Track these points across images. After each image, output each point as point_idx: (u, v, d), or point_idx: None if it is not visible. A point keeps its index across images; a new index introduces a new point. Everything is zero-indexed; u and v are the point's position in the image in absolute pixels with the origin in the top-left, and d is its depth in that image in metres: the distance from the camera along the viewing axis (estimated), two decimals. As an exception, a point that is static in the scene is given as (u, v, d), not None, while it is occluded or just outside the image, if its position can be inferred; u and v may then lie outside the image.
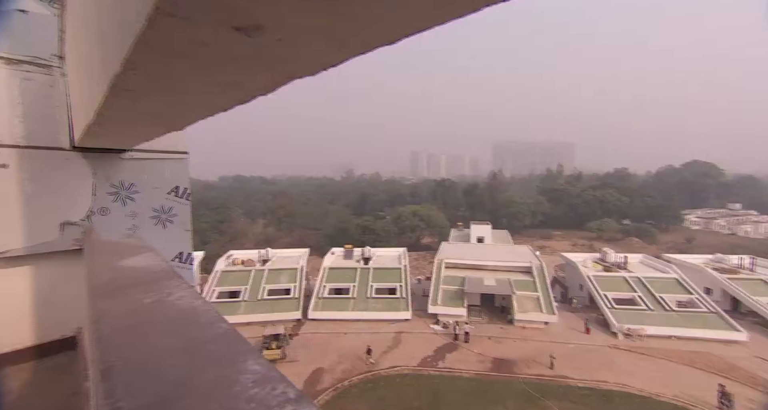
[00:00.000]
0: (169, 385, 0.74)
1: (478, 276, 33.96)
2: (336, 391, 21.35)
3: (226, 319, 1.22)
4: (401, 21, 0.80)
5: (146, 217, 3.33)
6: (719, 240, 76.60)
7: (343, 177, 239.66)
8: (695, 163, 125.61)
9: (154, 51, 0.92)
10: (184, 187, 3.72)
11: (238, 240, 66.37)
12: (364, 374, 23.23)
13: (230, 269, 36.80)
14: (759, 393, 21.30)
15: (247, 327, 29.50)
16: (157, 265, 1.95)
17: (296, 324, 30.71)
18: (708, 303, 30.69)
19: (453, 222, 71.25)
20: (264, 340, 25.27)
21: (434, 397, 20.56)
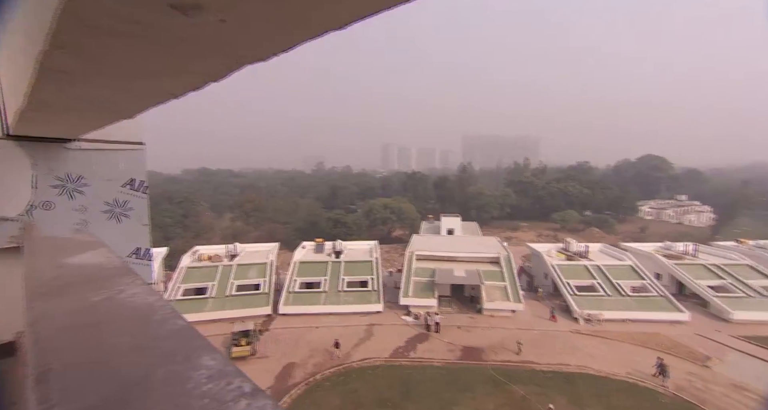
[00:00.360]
0: (116, 386, 0.71)
1: (448, 268, 34.67)
2: (308, 385, 21.25)
3: (182, 316, 1.17)
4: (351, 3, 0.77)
5: (98, 211, 3.12)
6: (668, 229, 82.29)
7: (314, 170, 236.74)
8: (648, 157, 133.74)
9: (81, 27, 0.83)
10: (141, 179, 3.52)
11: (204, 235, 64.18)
12: (336, 367, 23.26)
13: (196, 265, 35.55)
14: (696, 366, 23.35)
15: (215, 324, 28.78)
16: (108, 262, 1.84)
17: (266, 320, 30.21)
18: (658, 287, 32.96)
19: (424, 214, 72.31)
20: (233, 337, 24.72)
21: (406, 387, 20.93)
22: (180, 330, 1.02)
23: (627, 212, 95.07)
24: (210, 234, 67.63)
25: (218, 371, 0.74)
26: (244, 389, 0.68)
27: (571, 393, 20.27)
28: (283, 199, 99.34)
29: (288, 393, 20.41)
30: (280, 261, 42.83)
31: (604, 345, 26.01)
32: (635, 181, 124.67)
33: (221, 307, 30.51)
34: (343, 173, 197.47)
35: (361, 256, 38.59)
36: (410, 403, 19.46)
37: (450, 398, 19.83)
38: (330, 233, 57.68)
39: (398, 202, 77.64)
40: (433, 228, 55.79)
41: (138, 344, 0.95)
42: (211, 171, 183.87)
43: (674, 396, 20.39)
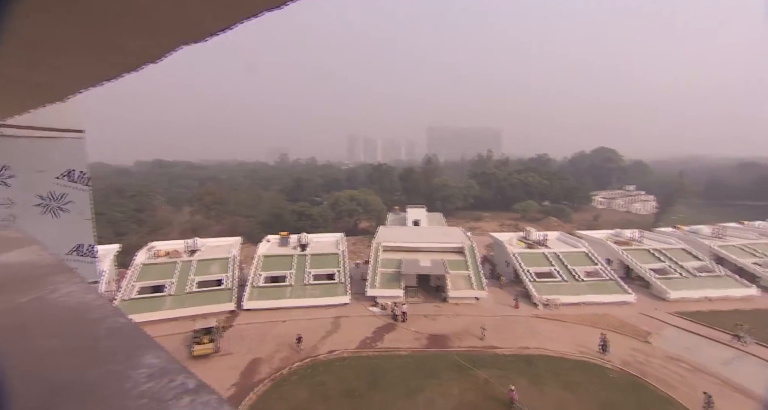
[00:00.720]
0: (41, 392, 0.67)
1: (414, 258, 35.21)
2: (274, 380, 20.97)
3: (124, 313, 1.09)
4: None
5: (29, 205, 2.82)
6: (618, 217, 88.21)
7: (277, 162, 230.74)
8: (601, 150, 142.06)
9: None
10: (81, 170, 3.24)
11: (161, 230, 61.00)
12: (303, 361, 23.09)
13: (153, 262, 33.78)
14: (639, 342, 25.42)
15: (175, 322, 27.67)
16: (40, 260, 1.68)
17: (230, 316, 29.38)
18: (608, 271, 35.33)
19: (390, 206, 72.84)
20: (194, 335, 23.84)
21: (373, 376, 21.18)
22: (121, 329, 0.97)
23: (582, 202, 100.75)
24: (168, 230, 64.39)
25: (160, 369, 0.72)
26: (187, 385, 0.67)
27: (530, 374, 21.39)
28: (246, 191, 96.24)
29: (253, 389, 20.05)
30: (244, 255, 41.62)
31: (560, 327, 27.60)
32: (589, 172, 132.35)
33: (181, 305, 29.28)
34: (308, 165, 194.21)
35: (328, 249, 38.30)
36: (377, 392, 19.73)
37: (416, 385, 20.32)
38: (295, 226, 56.75)
39: (364, 194, 77.54)
40: (400, 220, 56.33)
41: (70, 345, 0.88)
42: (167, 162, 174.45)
43: (620, 370, 22.08)
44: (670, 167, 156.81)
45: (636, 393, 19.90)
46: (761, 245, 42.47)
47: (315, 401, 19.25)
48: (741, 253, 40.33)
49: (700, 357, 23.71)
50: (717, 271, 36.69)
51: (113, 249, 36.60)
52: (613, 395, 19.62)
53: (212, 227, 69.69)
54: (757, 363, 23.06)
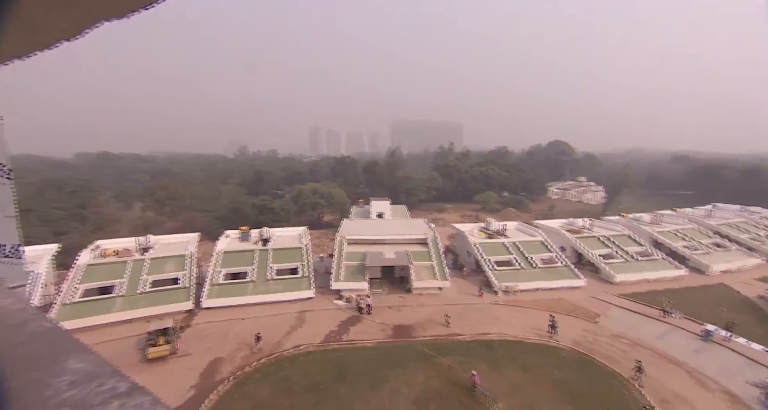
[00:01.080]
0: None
1: (378, 251, 35.37)
2: (237, 379, 20.37)
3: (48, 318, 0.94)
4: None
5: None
6: (571, 207, 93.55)
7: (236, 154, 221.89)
8: (556, 143, 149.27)
9: None
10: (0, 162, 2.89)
11: (107, 227, 56.90)
12: (266, 357, 22.61)
13: (99, 262, 31.47)
14: (589, 323, 27.21)
15: (127, 325, 26.09)
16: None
17: (188, 316, 28.11)
18: (562, 258, 37.42)
19: (354, 198, 72.46)
20: (148, 337, 22.58)
21: (339, 369, 21.16)
22: (45, 334, 0.87)
23: (538, 193, 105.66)
24: (116, 227, 60.18)
25: (87, 374, 0.70)
26: (118, 389, 0.64)
27: (491, 359, 22.30)
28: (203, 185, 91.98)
29: (215, 389, 19.37)
30: (201, 252, 39.89)
31: (519, 313, 28.93)
32: (545, 164, 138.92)
33: (133, 306, 27.57)
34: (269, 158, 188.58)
35: (290, 243, 37.54)
36: (343, 385, 19.74)
37: (382, 375, 20.55)
38: (256, 220, 55.18)
39: (328, 187, 76.64)
40: (364, 213, 56.25)
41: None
42: (113, 155, 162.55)
43: (572, 350, 23.58)
44: (616, 159, 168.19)
45: (585, 370, 21.35)
46: (690, 230, 46.85)
47: (279, 397, 18.93)
48: (674, 238, 44.25)
49: (639, 333, 25.89)
50: (655, 255, 40.03)
51: (51, 250, 33.67)
52: (565, 373, 20.92)
53: (166, 223, 65.99)
54: (685, 335, 25.69)
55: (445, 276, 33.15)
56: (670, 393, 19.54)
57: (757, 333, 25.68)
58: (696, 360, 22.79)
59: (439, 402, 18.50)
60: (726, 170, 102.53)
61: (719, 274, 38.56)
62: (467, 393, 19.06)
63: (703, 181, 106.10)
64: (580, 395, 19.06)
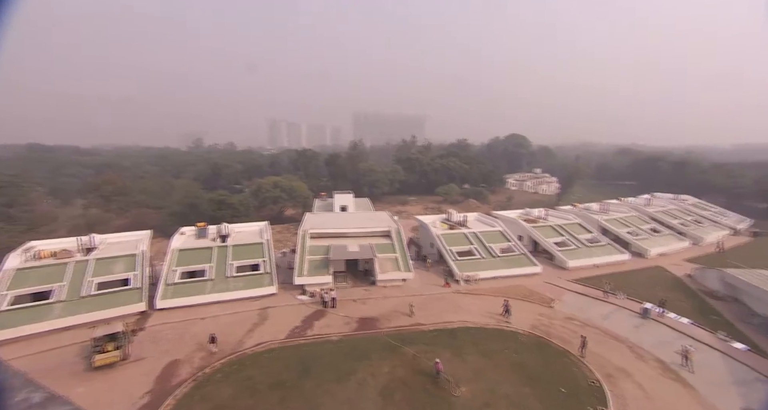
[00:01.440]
0: None
1: (342, 244, 35.11)
2: (196, 381, 19.51)
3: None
4: None
5: None
6: (528, 198, 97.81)
7: (191, 147, 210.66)
8: (513, 136, 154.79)
9: None
10: None
11: (42, 227, 52.03)
12: (227, 357, 21.86)
13: (32, 265, 28.73)
14: (544, 308, 28.76)
15: (69, 332, 24.21)
16: None
17: (141, 318, 26.52)
18: (519, 247, 39.08)
19: (316, 192, 71.35)
20: (95, 343, 20.99)
21: (304, 365, 20.88)
22: None
23: (497, 184, 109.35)
24: (53, 226, 55.24)
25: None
26: (32, 400, 0.61)
27: (453, 346, 22.94)
28: (155, 180, 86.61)
29: (171, 393, 18.43)
30: (155, 250, 37.70)
31: (479, 300, 29.93)
32: (504, 156, 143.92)
33: (75, 311, 25.49)
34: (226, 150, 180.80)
35: (251, 238, 36.36)
36: (308, 380, 19.51)
37: (348, 368, 20.53)
38: (214, 216, 52.86)
39: (289, 181, 74.89)
40: (326, 206, 55.57)
41: None
42: (45, 147, 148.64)
43: (529, 333, 24.80)
44: (568, 152, 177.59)
45: (541, 352, 22.55)
46: (632, 217, 50.72)
47: (241, 397, 18.38)
48: (619, 225, 47.64)
49: (588, 314, 27.75)
50: (602, 241, 42.90)
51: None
52: (523, 356, 21.98)
53: (113, 221, 61.54)
54: (627, 314, 28.00)
55: (408, 268, 33.57)
56: (614, 367, 21.16)
57: (685, 308, 28.72)
58: (636, 335, 24.83)
59: (404, 391, 18.79)
60: (661, 162, 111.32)
61: (656, 257, 42.15)
62: (431, 380, 19.51)
63: (643, 172, 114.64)
64: (536, 376, 20.11)
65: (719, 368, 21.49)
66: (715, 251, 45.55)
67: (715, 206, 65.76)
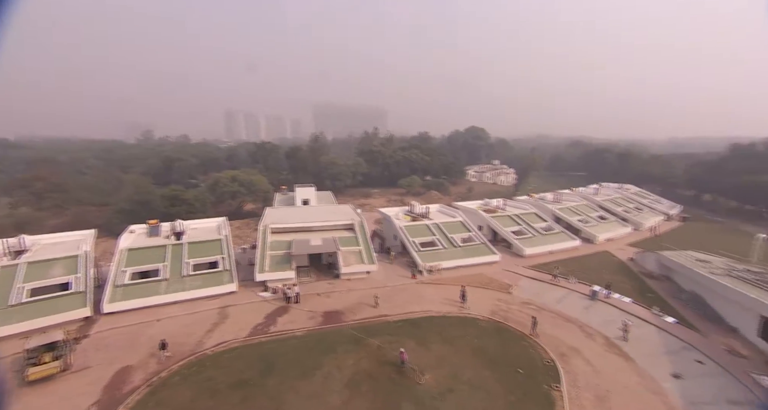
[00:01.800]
0: None
1: (304, 238, 34.53)
2: (151, 386, 18.51)
3: None
4: None
5: None
6: (487, 189, 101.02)
7: (139, 139, 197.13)
8: (473, 128, 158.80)
9: None
10: None
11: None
12: (186, 358, 20.91)
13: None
14: (503, 294, 30.01)
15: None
16: None
17: (85, 324, 24.65)
18: (479, 237, 40.36)
19: (277, 186, 69.52)
20: (28, 355, 19.07)
21: (267, 362, 20.44)
22: None
23: (458, 176, 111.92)
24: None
25: None
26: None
27: (417, 335, 23.39)
28: (98, 175, 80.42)
29: (123, 402, 17.35)
30: (100, 251, 35.22)
31: (441, 290, 30.64)
32: (464, 148, 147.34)
33: (5, 321, 23.11)
34: (179, 143, 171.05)
35: (208, 235, 34.82)
36: (272, 377, 19.14)
37: (313, 363, 20.35)
38: (167, 213, 50.09)
39: (248, 174, 72.33)
40: (288, 200, 54.32)
41: None
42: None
43: (489, 319, 25.81)
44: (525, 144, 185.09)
45: (500, 336, 23.57)
46: (582, 206, 54.02)
47: (201, 399, 17.70)
48: (571, 213, 50.55)
49: (543, 299, 29.31)
50: (556, 229, 45.32)
51: None
52: (483, 341, 22.86)
53: (48, 221, 56.43)
54: (578, 297, 29.89)
55: (372, 260, 33.66)
56: (566, 346, 22.57)
57: (627, 289, 31.28)
58: (585, 316, 26.61)
59: (370, 382, 18.94)
60: (608, 153, 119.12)
61: (603, 242, 45.24)
62: (397, 370, 19.80)
63: (592, 163, 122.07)
64: (496, 359, 21.02)
65: (654, 340, 23.70)
66: (650, 235, 49.70)
67: (652, 194, 71.59)
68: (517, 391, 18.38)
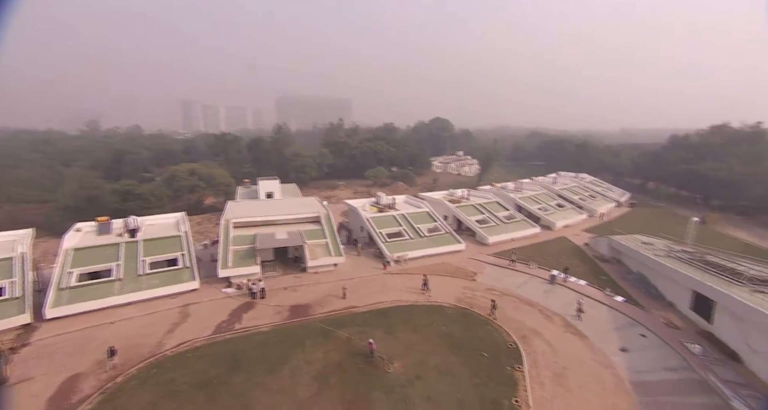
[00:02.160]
0: None
1: (269, 232, 33.68)
2: (104, 393, 17.45)
3: None
4: None
5: None
6: (452, 179, 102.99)
7: (84, 130, 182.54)
8: (437, 120, 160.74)
9: None
10: None
11: None
12: (145, 361, 19.90)
13: None
14: (468, 281, 30.90)
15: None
16: None
17: (24, 332, 22.72)
18: (445, 226, 41.17)
19: (239, 179, 67.11)
20: None
21: (233, 360, 19.87)
22: None
23: (423, 166, 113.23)
24: None
25: None
26: None
27: (386, 325, 23.60)
28: (35, 169, 73.88)
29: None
30: (40, 252, 32.54)
31: (409, 279, 31.02)
32: (429, 139, 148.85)
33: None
34: (131, 135, 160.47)
35: (166, 231, 33.12)
36: (238, 375, 18.65)
37: (280, 358, 20.01)
38: (119, 209, 47.17)
39: (207, 167, 69.37)
40: (251, 193, 52.65)
41: None
42: None
43: (454, 306, 26.51)
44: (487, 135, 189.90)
45: (466, 322, 24.29)
46: (542, 195, 56.44)
47: (163, 402, 16.93)
48: (531, 202, 52.70)
49: (505, 284, 30.48)
50: (517, 217, 47.11)
51: None
52: (450, 328, 23.46)
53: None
54: (538, 282, 31.35)
55: (339, 253, 33.46)
56: (528, 329, 23.66)
57: (583, 272, 33.19)
58: (545, 299, 27.99)
59: (339, 373, 18.92)
60: (566, 144, 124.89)
61: (561, 229, 47.62)
62: (366, 360, 19.91)
63: (551, 153, 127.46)
64: (462, 344, 21.65)
65: (605, 318, 25.49)
66: (600, 221, 52.97)
67: (605, 182, 76.13)
68: (481, 374, 19.07)
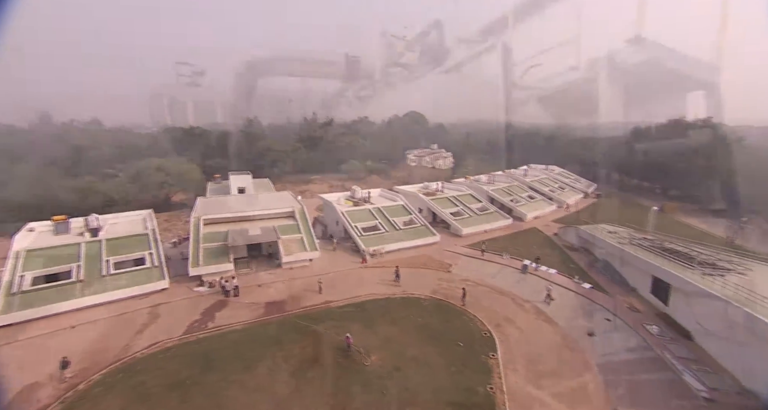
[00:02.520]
0: None
1: (242, 228, 32.90)
2: (64, 403, 16.57)
3: None
4: None
5: None
6: (426, 172, 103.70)
7: (35, 124, 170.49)
8: (412, 113, 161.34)
9: None
10: None
11: None
12: (110, 365, 19.08)
13: None
14: (443, 273, 31.39)
15: None
16: None
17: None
18: (420, 219, 41.54)
19: (209, 174, 64.87)
20: None
21: (206, 359, 19.39)
22: None
23: (398, 160, 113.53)
24: None
25: None
26: None
27: (363, 319, 23.67)
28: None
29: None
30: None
31: (385, 273, 31.15)
32: (403, 133, 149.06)
33: None
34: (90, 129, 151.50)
35: (132, 230, 31.75)
36: (212, 374, 18.21)
37: (256, 355, 19.71)
38: (79, 207, 44.44)
39: (175, 163, 66.69)
40: (222, 189, 51.12)
41: None
42: None
43: (431, 298, 26.90)
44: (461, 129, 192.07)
45: (442, 313, 24.72)
46: (513, 187, 57.90)
47: (133, 406, 16.32)
48: (503, 194, 53.97)
49: (480, 275, 31.18)
50: (490, 209, 48.13)
51: None
52: (426, 319, 23.81)
53: None
54: (511, 271, 32.25)
55: (314, 247, 33.14)
56: (501, 317, 24.36)
57: (553, 261, 34.40)
58: (517, 288, 28.86)
59: (316, 369, 18.86)
60: (536, 136, 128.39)
61: (532, 220, 49.07)
62: (343, 354, 19.93)
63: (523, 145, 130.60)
64: (438, 335, 22.04)
65: (573, 304, 26.64)
66: (566, 212, 55.01)
67: (573, 174, 78.98)
68: (457, 363, 19.50)
